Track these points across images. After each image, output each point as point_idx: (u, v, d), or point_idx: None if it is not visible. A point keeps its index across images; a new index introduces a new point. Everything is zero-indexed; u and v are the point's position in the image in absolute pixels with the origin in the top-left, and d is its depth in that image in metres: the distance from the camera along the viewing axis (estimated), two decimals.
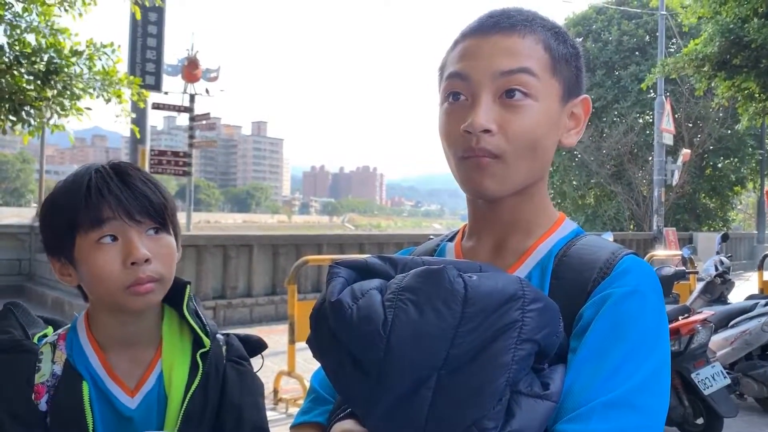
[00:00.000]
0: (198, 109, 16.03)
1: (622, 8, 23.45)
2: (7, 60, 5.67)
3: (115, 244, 1.04)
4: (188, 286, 1.16)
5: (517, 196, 0.94)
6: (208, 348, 1.12)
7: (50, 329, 1.17)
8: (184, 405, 1.07)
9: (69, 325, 1.15)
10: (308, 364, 5.89)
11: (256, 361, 1.23)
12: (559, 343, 0.80)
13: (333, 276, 0.83)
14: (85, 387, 1.05)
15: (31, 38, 5.77)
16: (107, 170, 1.08)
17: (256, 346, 1.24)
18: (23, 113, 5.73)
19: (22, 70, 5.65)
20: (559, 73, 0.92)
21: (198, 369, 1.10)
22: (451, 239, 1.08)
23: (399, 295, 0.76)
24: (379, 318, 0.74)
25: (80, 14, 5.86)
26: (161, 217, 1.08)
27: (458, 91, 0.91)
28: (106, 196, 1.03)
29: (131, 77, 6.37)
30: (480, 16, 0.95)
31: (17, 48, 5.71)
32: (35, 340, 1.11)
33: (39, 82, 5.65)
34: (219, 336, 1.18)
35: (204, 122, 16.11)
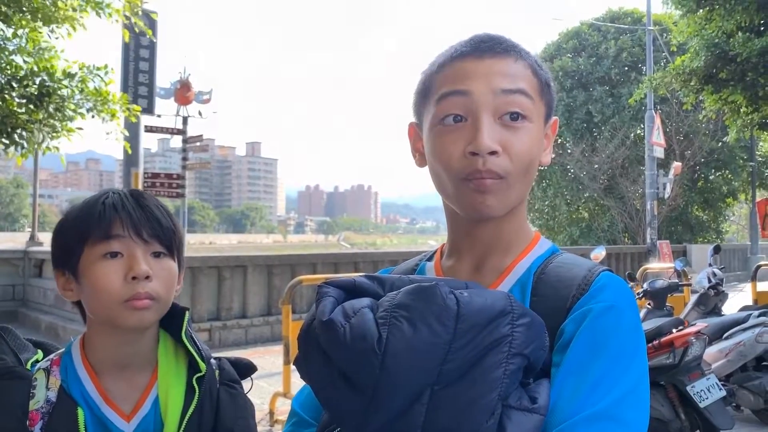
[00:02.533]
0: (191, 131, 16.03)
1: (613, 24, 23.69)
2: None
3: (119, 259, 1.08)
4: (187, 312, 1.18)
5: (503, 216, 0.96)
6: (204, 372, 1.13)
7: (40, 353, 1.17)
8: (182, 430, 1.08)
9: (62, 350, 1.15)
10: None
11: (246, 384, 1.25)
12: (542, 358, 0.82)
13: (323, 296, 0.84)
14: (81, 413, 1.05)
15: (18, 60, 5.82)
16: (125, 192, 1.14)
17: (246, 369, 1.26)
18: (15, 136, 5.76)
19: (14, 94, 5.69)
20: (544, 96, 0.96)
21: (194, 393, 1.11)
22: (429, 259, 1.09)
23: (392, 312, 0.77)
24: (374, 336, 0.75)
25: (69, 34, 5.91)
26: (168, 242, 1.12)
27: (457, 113, 0.91)
28: (119, 212, 1.08)
29: (122, 94, 6.42)
30: (468, 41, 0.96)
31: (9, 71, 5.75)
32: (28, 366, 1.11)
33: (31, 105, 5.69)
34: (212, 360, 1.20)
35: (197, 144, 16.11)
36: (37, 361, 1.14)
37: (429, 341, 0.74)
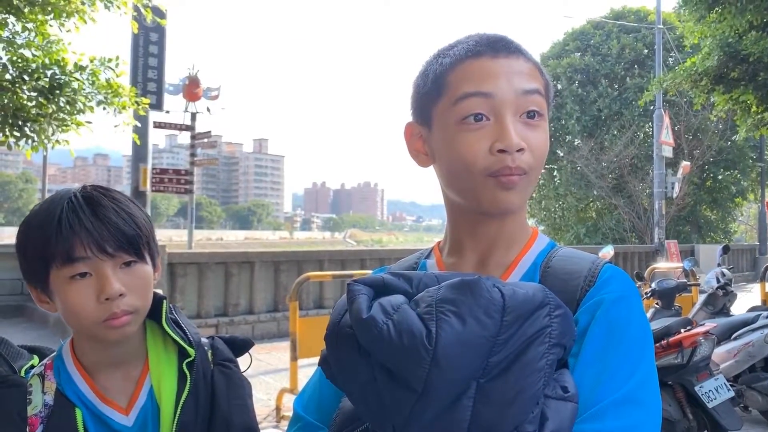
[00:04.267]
0: (199, 128, 16.12)
1: (619, 23, 23.62)
2: (10, 77, 5.75)
3: (88, 279, 1.03)
4: (164, 301, 1.16)
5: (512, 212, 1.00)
6: (193, 357, 1.13)
7: (36, 359, 1.16)
8: (177, 416, 1.08)
9: (54, 354, 1.15)
10: None
11: (244, 360, 1.24)
12: (571, 347, 0.86)
13: (356, 294, 0.83)
14: (79, 414, 1.05)
15: (26, 53, 5.87)
16: (78, 200, 1.06)
17: (242, 345, 1.24)
18: (26, 129, 5.81)
19: (25, 87, 5.73)
20: (548, 96, 1.00)
21: (186, 379, 1.11)
22: (428, 257, 1.10)
23: (439, 307, 0.77)
24: (422, 331, 0.75)
25: (76, 27, 5.94)
26: (135, 249, 1.07)
27: (480, 112, 0.91)
28: (77, 232, 1.02)
29: (130, 87, 6.46)
30: (480, 40, 0.95)
31: (19, 65, 5.79)
32: (22, 372, 1.10)
33: (42, 98, 5.73)
34: (204, 340, 1.19)
35: (205, 140, 16.18)
36: (32, 367, 1.13)
37: (478, 334, 0.75)
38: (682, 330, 4.27)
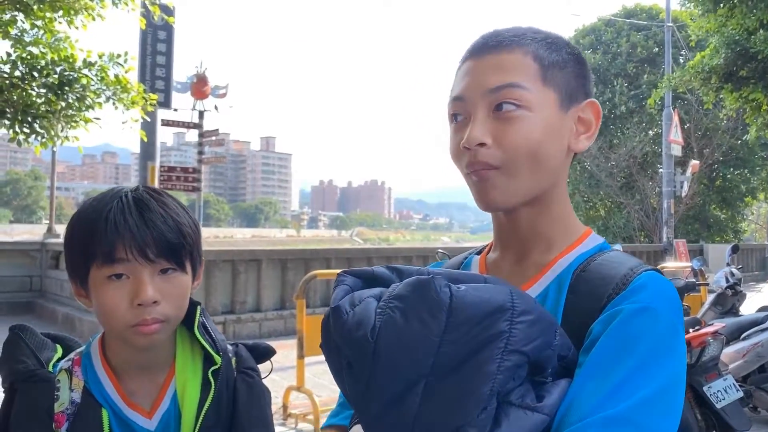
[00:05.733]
0: (207, 126, 16.16)
1: (629, 20, 23.51)
2: (19, 73, 5.79)
3: (125, 281, 1.03)
4: (198, 306, 1.16)
5: (530, 207, 0.95)
6: (219, 366, 1.13)
7: (59, 349, 1.16)
8: (199, 422, 1.08)
9: (82, 349, 1.15)
10: (317, 379, 5.89)
11: (265, 367, 1.24)
12: (556, 356, 0.80)
13: (338, 284, 0.87)
14: (105, 415, 1.05)
15: (34, 51, 5.91)
16: (128, 201, 1.06)
17: (265, 353, 1.24)
18: (36, 125, 5.85)
19: (34, 84, 5.77)
20: (551, 80, 0.93)
21: (210, 386, 1.11)
22: (479, 252, 1.10)
23: (389, 302, 0.79)
24: (369, 324, 0.77)
25: (84, 25, 5.97)
26: (176, 257, 1.06)
27: (458, 112, 0.96)
28: (121, 233, 1.02)
29: (139, 84, 6.49)
30: (475, 42, 0.98)
31: (28, 61, 5.83)
32: (50, 366, 1.10)
33: (51, 94, 5.77)
34: (228, 347, 1.19)
35: (213, 138, 16.22)
36: (58, 360, 1.13)
37: (420, 332, 0.75)
38: (691, 330, 4.25)
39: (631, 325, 0.80)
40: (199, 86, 16.20)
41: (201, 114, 16.21)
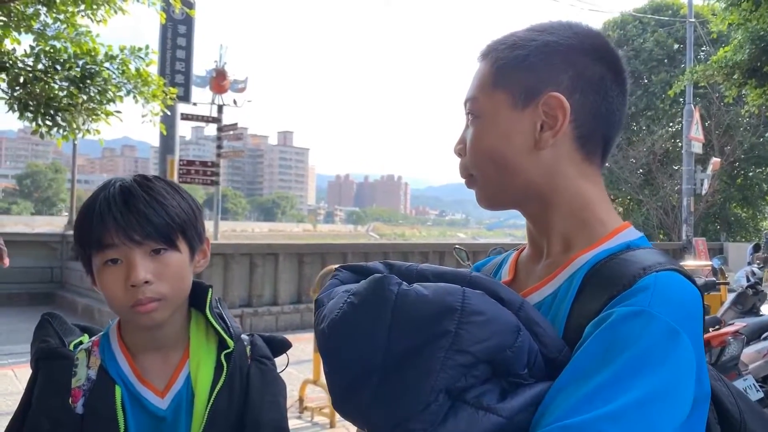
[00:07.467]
0: (226, 120, 16.23)
1: (653, 17, 23.23)
2: (42, 67, 5.87)
3: (119, 266, 1.08)
4: (210, 289, 1.20)
5: (530, 206, 0.95)
6: (232, 349, 1.16)
7: (86, 336, 1.22)
8: (210, 403, 1.11)
9: (102, 332, 1.20)
10: None
11: (281, 361, 1.26)
12: (517, 358, 0.77)
13: (332, 277, 0.93)
14: (118, 391, 1.10)
15: (57, 44, 5.98)
16: (114, 190, 1.11)
17: (281, 346, 1.28)
18: (58, 118, 5.93)
19: (57, 77, 5.85)
20: (502, 82, 0.92)
21: (223, 369, 1.14)
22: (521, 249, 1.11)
23: (347, 298, 0.83)
24: (330, 317, 0.83)
25: (104, 20, 6.03)
26: (165, 237, 1.10)
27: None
28: (107, 221, 1.08)
29: (159, 78, 6.55)
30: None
31: (51, 55, 5.91)
32: (71, 347, 1.16)
33: (73, 87, 5.84)
34: (244, 336, 1.22)
35: (231, 132, 16.29)
36: (80, 343, 1.19)
37: (367, 328, 0.79)
38: (711, 329, 4.21)
39: (619, 329, 0.74)
40: (218, 80, 16.29)
41: (220, 108, 16.29)
